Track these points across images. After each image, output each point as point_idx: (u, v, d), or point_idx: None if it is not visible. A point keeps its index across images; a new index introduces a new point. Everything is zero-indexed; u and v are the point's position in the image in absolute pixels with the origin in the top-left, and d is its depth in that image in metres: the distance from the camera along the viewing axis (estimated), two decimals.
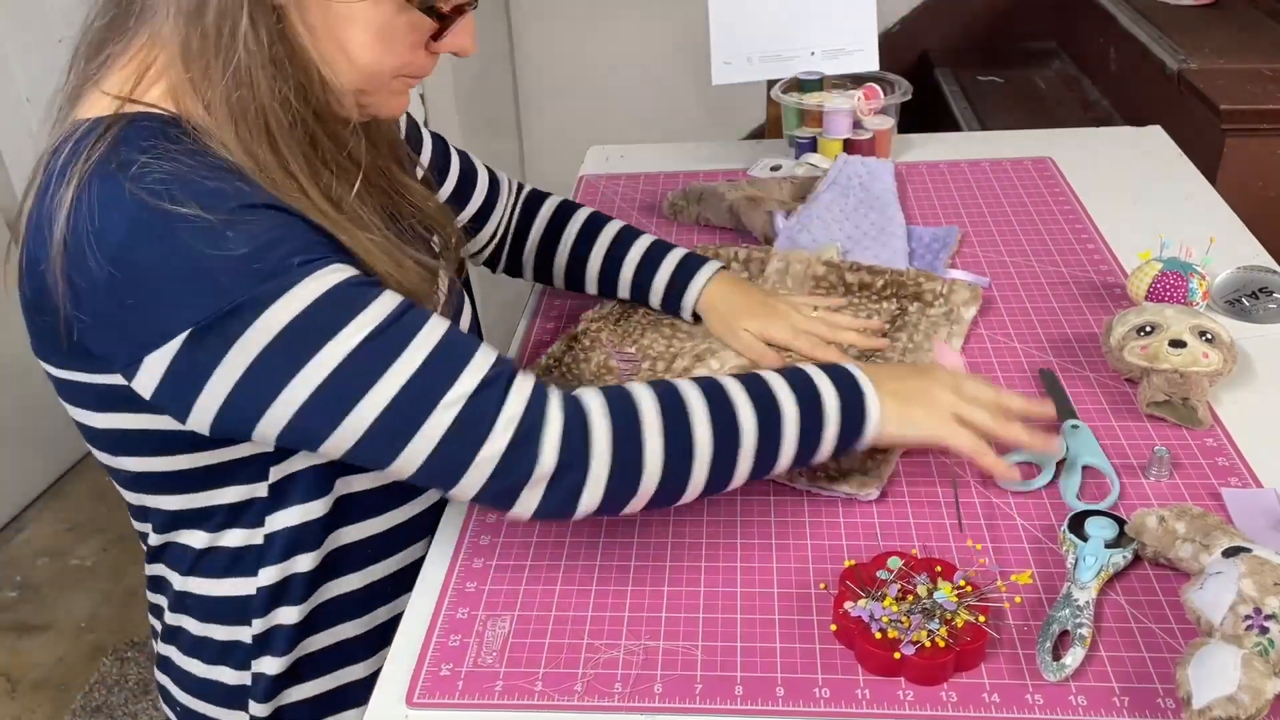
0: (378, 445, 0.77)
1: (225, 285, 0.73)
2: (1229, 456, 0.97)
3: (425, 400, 0.77)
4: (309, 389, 0.75)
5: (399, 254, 0.85)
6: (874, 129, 1.54)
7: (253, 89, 0.76)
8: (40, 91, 2.57)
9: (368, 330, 0.76)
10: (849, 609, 0.81)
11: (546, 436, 0.79)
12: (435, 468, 0.78)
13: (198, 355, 0.74)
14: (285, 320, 0.74)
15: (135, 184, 0.73)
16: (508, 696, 0.79)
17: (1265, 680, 0.69)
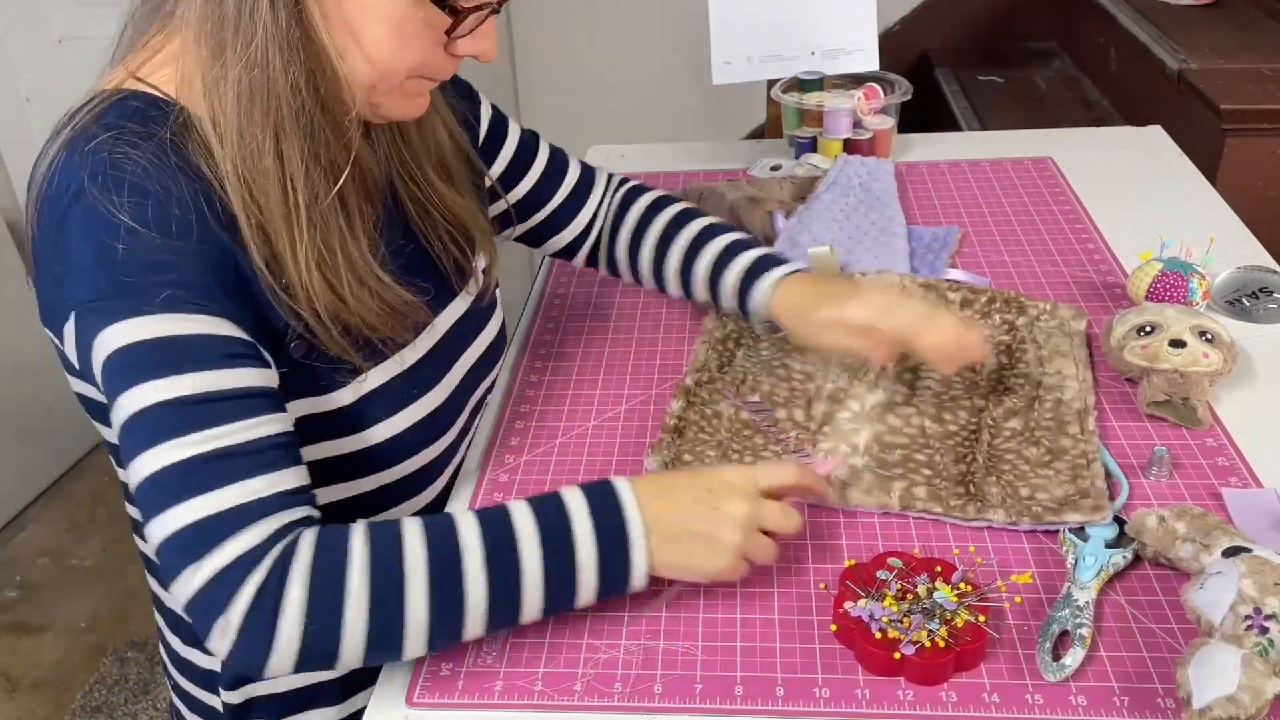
0: (140, 502, 0.75)
1: (102, 283, 0.75)
2: (1229, 456, 0.97)
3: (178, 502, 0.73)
4: (125, 411, 0.74)
5: (350, 278, 0.83)
6: (874, 129, 1.54)
7: (266, 70, 0.77)
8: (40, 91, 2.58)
9: (174, 394, 0.74)
10: (849, 609, 0.81)
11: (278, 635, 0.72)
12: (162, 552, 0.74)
13: (82, 334, 0.77)
14: (122, 341, 0.74)
15: (87, 159, 0.76)
16: (507, 696, 0.79)
17: (1265, 680, 0.69)
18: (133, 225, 0.74)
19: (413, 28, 0.80)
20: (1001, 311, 1.16)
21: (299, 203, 0.80)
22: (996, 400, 1.03)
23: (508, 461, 1.04)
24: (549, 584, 0.78)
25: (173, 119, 0.79)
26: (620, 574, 0.80)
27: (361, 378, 0.87)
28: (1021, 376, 1.06)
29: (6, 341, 2.53)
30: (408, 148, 0.94)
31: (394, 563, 0.75)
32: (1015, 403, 1.03)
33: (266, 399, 0.78)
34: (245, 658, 0.72)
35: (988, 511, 0.90)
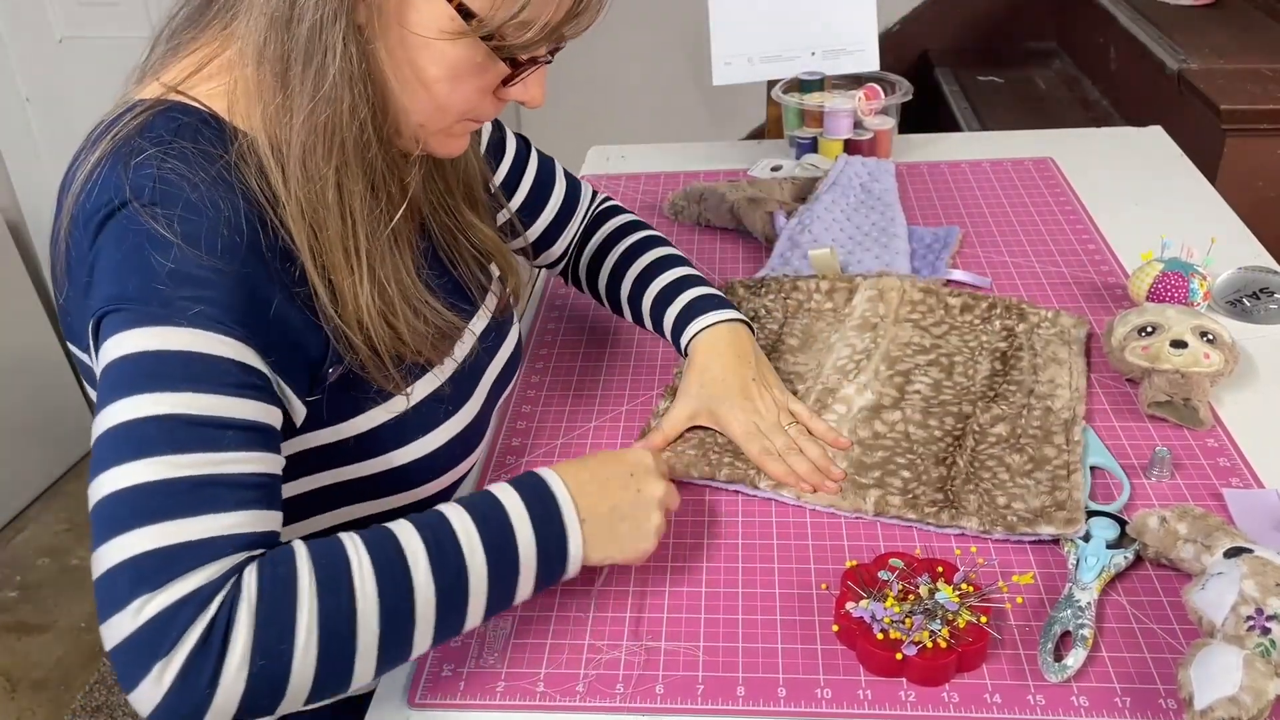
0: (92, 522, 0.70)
1: (133, 287, 0.73)
2: (1230, 457, 0.97)
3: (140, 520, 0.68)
4: (110, 421, 0.71)
5: (404, 307, 0.84)
6: (874, 129, 1.54)
7: (336, 105, 0.77)
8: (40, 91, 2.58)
9: (176, 411, 0.70)
10: (850, 609, 0.81)
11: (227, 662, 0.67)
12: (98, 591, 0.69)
13: (101, 336, 0.74)
14: (141, 347, 0.71)
15: (132, 172, 0.75)
16: (509, 697, 0.79)
17: (1267, 681, 0.69)
18: (176, 238, 0.73)
19: (469, 72, 0.80)
20: (1002, 318, 1.15)
21: (359, 236, 0.80)
22: (985, 406, 1.03)
23: (509, 462, 1.04)
24: (492, 588, 0.77)
25: (229, 139, 0.78)
26: (556, 569, 0.80)
27: (398, 399, 0.87)
28: (1014, 384, 1.06)
29: (6, 341, 2.53)
30: (441, 178, 0.95)
31: (343, 586, 0.71)
32: (1004, 409, 1.02)
33: (265, 435, 0.75)
34: (175, 707, 0.65)
35: (961, 519, 0.90)
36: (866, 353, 1.11)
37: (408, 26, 0.78)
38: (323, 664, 0.69)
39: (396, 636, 0.72)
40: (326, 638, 0.69)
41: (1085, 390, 1.05)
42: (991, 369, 1.08)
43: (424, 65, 0.79)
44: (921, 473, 0.96)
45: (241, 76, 0.79)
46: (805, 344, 1.16)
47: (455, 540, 0.75)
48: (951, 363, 1.10)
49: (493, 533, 0.77)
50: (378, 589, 0.71)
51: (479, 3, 0.77)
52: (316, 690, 0.70)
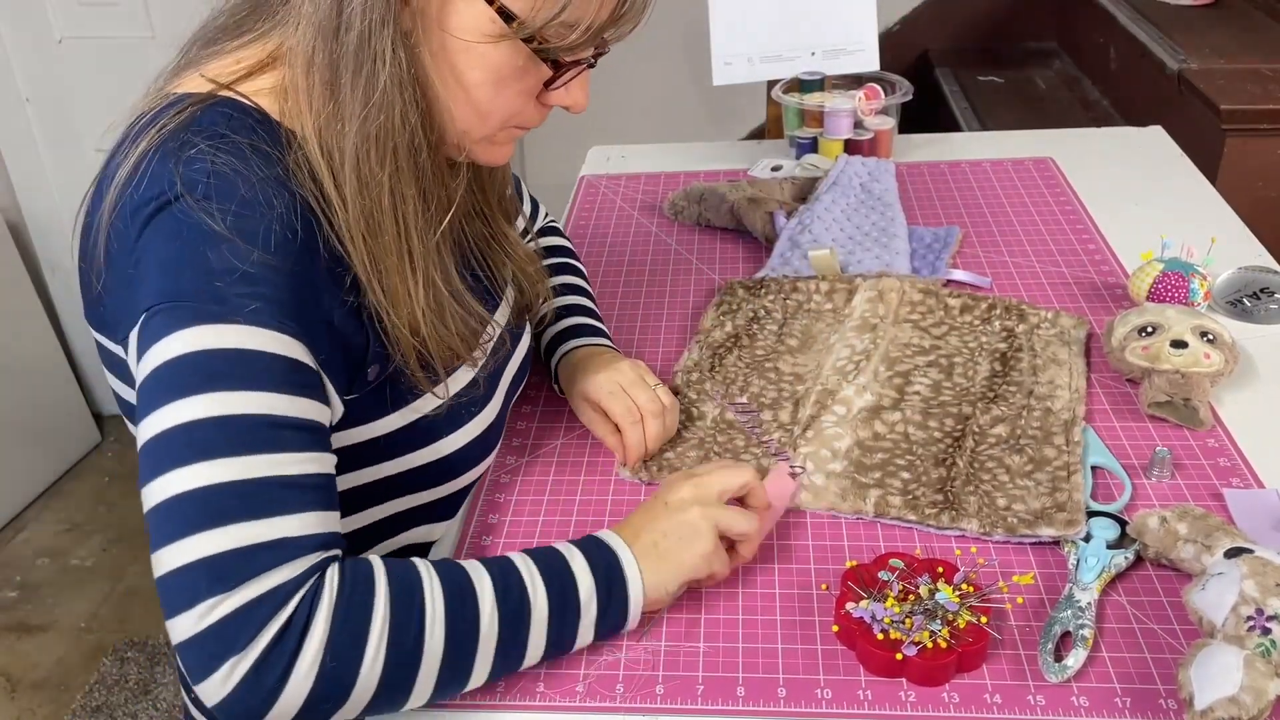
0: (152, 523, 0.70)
1: (186, 284, 0.72)
2: (1230, 457, 0.97)
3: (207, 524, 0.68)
4: (167, 423, 0.70)
5: (453, 306, 0.84)
6: (875, 129, 1.54)
7: (388, 112, 0.76)
8: (40, 91, 2.58)
9: (235, 411, 0.70)
10: (851, 610, 0.81)
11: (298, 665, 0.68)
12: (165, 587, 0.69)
13: (147, 335, 0.73)
14: (195, 347, 0.71)
15: (184, 166, 0.74)
16: (509, 697, 0.79)
17: (1267, 681, 0.69)
18: (231, 233, 0.72)
19: (512, 76, 0.80)
20: (1001, 319, 1.15)
21: (413, 240, 0.80)
22: (985, 407, 1.03)
23: (509, 462, 1.04)
24: (553, 622, 0.78)
25: (282, 139, 0.78)
26: (618, 603, 0.80)
27: (425, 399, 0.86)
28: (1014, 385, 1.06)
29: (6, 341, 2.52)
30: (479, 188, 0.96)
31: (415, 597, 0.72)
32: (1004, 410, 1.02)
33: (321, 433, 0.75)
34: (243, 702, 0.67)
35: (962, 521, 0.90)
36: (866, 354, 1.11)
37: (449, 30, 0.78)
38: (386, 676, 0.70)
39: (457, 661, 0.74)
40: (395, 650, 0.71)
41: (1085, 390, 1.05)
42: (991, 370, 1.08)
43: (466, 69, 0.79)
44: (921, 474, 0.96)
45: (291, 82, 0.79)
46: (805, 345, 1.16)
47: (519, 575, 0.77)
48: (951, 363, 1.10)
49: (551, 570, 0.79)
50: (446, 611, 0.73)
51: (520, 4, 0.77)
52: (374, 703, 0.71)
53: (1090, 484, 0.94)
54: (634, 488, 0.99)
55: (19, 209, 2.69)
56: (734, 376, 1.11)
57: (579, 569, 0.80)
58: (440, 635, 0.72)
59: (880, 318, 1.16)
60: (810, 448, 1.00)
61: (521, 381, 1.05)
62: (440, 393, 0.86)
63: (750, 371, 1.12)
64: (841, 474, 0.96)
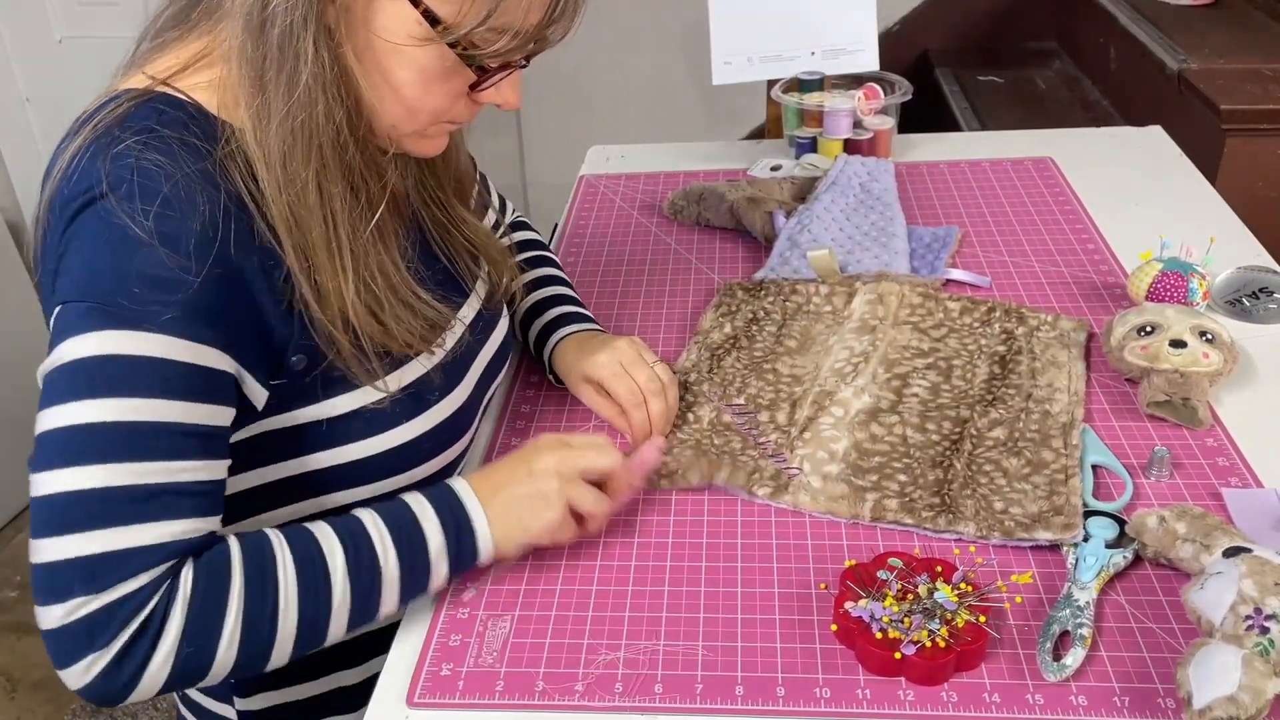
0: (35, 511, 0.74)
1: (102, 286, 0.73)
2: (1229, 456, 0.97)
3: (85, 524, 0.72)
4: (63, 420, 0.73)
5: (393, 303, 0.85)
6: (874, 129, 1.54)
7: (310, 110, 0.77)
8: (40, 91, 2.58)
9: (128, 417, 0.72)
10: (849, 609, 0.81)
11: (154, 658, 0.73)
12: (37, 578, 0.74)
13: (58, 331, 0.75)
14: (102, 350, 0.72)
15: (110, 163, 0.75)
16: (508, 696, 0.79)
17: (1266, 680, 0.69)
18: (149, 237, 0.73)
19: (438, 76, 0.80)
20: (1001, 321, 1.15)
21: (340, 236, 0.81)
22: (983, 410, 1.02)
23: None
24: (404, 582, 0.81)
25: (219, 133, 0.78)
26: (467, 562, 0.85)
27: (379, 384, 0.87)
28: (1013, 388, 1.05)
29: (6, 341, 2.53)
30: (432, 174, 0.96)
31: (269, 582, 0.76)
32: (1002, 413, 1.02)
33: (216, 440, 0.78)
34: (101, 692, 0.72)
35: (959, 524, 0.90)
36: (864, 356, 1.11)
37: (374, 30, 0.78)
38: (243, 653, 0.75)
39: (311, 630, 0.78)
40: (249, 631, 0.75)
41: (1084, 393, 1.05)
42: (990, 372, 1.08)
43: (392, 69, 0.79)
44: (918, 476, 0.96)
45: (226, 75, 0.79)
46: (804, 346, 1.16)
47: (370, 541, 0.80)
48: (950, 366, 1.10)
49: (402, 531, 0.82)
50: (299, 589, 0.77)
51: (445, 9, 0.76)
52: (232, 673, 0.76)
53: (1091, 483, 0.94)
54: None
55: (19, 209, 2.69)
56: (732, 378, 1.11)
57: (430, 529, 0.82)
58: (294, 612, 0.76)
59: (880, 320, 1.16)
60: (807, 449, 0.99)
61: (499, 370, 1.05)
62: (380, 386, 0.86)
63: (748, 373, 1.12)
64: (838, 477, 0.96)
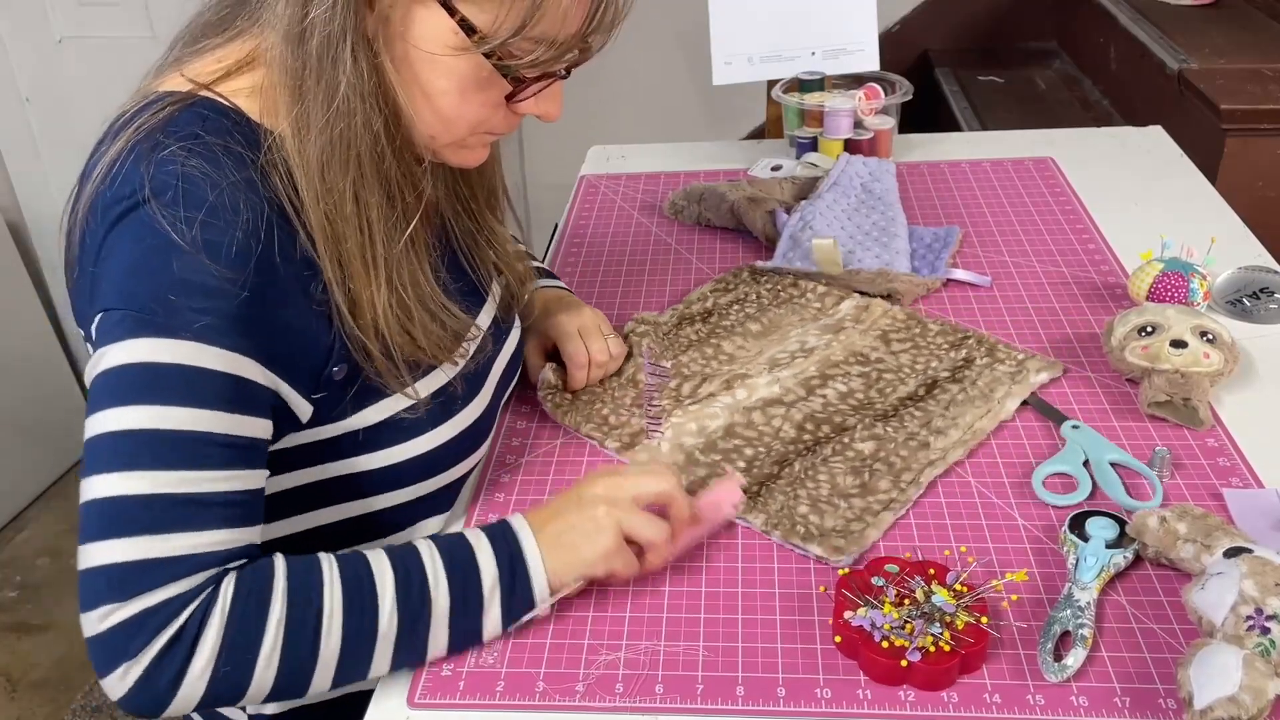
0: (81, 517, 0.73)
1: (142, 292, 0.73)
2: (1230, 457, 0.97)
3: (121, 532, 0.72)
4: (103, 427, 0.73)
5: (422, 313, 0.85)
6: (875, 129, 1.54)
7: (349, 120, 0.77)
8: (40, 91, 2.58)
9: (166, 426, 0.72)
10: (849, 618, 0.80)
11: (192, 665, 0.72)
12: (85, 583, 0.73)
13: (102, 336, 0.74)
14: (140, 358, 0.72)
15: (155, 168, 0.75)
16: (509, 697, 0.79)
17: (1267, 681, 0.69)
18: (191, 245, 0.73)
19: (475, 87, 0.80)
20: (971, 349, 1.12)
21: (376, 246, 0.80)
22: (870, 424, 1.02)
23: (509, 461, 1.04)
24: (455, 616, 0.80)
25: (261, 139, 0.78)
26: (522, 592, 0.82)
27: (407, 393, 0.86)
28: (921, 411, 1.03)
29: (7, 341, 2.52)
30: (465, 184, 0.95)
31: (313, 604, 0.75)
32: (887, 432, 1.01)
33: (253, 451, 0.77)
34: (139, 701, 0.71)
35: (751, 513, 0.93)
36: (810, 351, 1.13)
37: (412, 41, 0.78)
38: (282, 675, 0.74)
39: (356, 657, 0.76)
40: (290, 652, 0.74)
41: (989, 432, 1.01)
42: (912, 392, 1.06)
43: (430, 79, 0.79)
44: (755, 466, 0.98)
45: (267, 82, 0.79)
46: (766, 332, 1.18)
47: (421, 568, 0.79)
48: (879, 376, 1.09)
49: (456, 561, 0.80)
50: (344, 613, 0.75)
51: (481, 18, 0.76)
52: (273, 694, 0.75)
53: (1120, 482, 0.93)
54: None
55: (19, 209, 2.69)
56: (677, 345, 1.16)
57: (484, 559, 0.81)
58: (338, 633, 0.75)
59: (853, 324, 1.17)
60: (681, 420, 1.04)
61: (514, 374, 1.05)
62: (411, 393, 0.86)
63: (695, 344, 1.16)
64: (687, 448, 1.00)
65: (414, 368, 0.87)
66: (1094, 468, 0.96)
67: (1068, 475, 0.96)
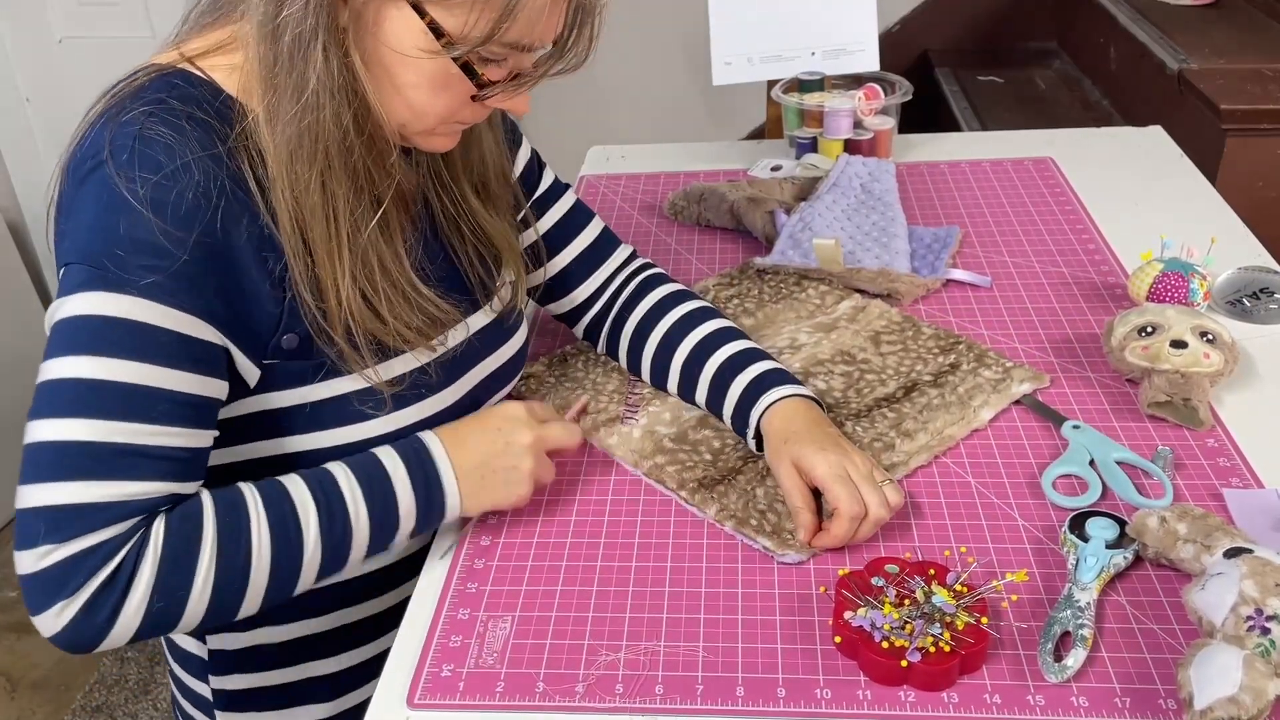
0: (23, 458, 0.77)
1: (94, 247, 0.76)
2: (1230, 457, 0.97)
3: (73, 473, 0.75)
4: (53, 374, 0.76)
5: (394, 294, 0.85)
6: (874, 129, 1.54)
7: (317, 113, 0.78)
8: (40, 91, 2.58)
9: (110, 376, 0.75)
10: (850, 619, 0.80)
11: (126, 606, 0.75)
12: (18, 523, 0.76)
13: (60, 288, 0.78)
14: (88, 310, 0.75)
15: (116, 130, 0.77)
16: (509, 697, 0.79)
17: (1267, 681, 0.69)
18: (140, 202, 0.75)
19: (445, 82, 0.81)
20: (960, 355, 1.11)
21: (341, 235, 0.82)
22: (839, 422, 1.02)
23: None
24: (373, 541, 0.85)
25: (235, 113, 0.80)
26: (435, 519, 0.89)
27: (367, 374, 0.87)
28: (893, 413, 1.03)
29: (7, 341, 2.52)
30: (448, 164, 0.95)
31: (241, 537, 0.78)
32: (856, 431, 1.01)
33: (199, 409, 0.79)
34: (72, 638, 0.75)
35: (708, 505, 0.94)
36: (797, 349, 1.13)
37: (383, 40, 0.79)
38: (213, 605, 0.78)
39: (280, 583, 0.81)
40: (220, 584, 0.78)
41: (959, 438, 1.00)
42: (889, 394, 1.06)
43: (399, 76, 0.80)
44: (719, 459, 0.99)
45: (246, 65, 0.81)
46: (759, 326, 1.19)
47: (343, 502, 0.83)
48: (860, 376, 1.09)
49: (374, 490, 0.84)
50: (272, 545, 0.79)
51: (451, 23, 0.77)
52: (202, 623, 0.79)
53: (1130, 484, 0.93)
54: (633, 490, 0.99)
55: (19, 209, 2.69)
56: None
57: (401, 489, 0.86)
58: (266, 568, 0.79)
59: (848, 322, 1.17)
60: (658, 408, 1.05)
61: (507, 381, 1.04)
62: (369, 375, 0.87)
63: None
64: (657, 436, 1.01)
65: (382, 351, 0.87)
66: (1100, 468, 0.96)
67: (1077, 476, 0.96)
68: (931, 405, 1.04)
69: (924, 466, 0.98)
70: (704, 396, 1.03)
